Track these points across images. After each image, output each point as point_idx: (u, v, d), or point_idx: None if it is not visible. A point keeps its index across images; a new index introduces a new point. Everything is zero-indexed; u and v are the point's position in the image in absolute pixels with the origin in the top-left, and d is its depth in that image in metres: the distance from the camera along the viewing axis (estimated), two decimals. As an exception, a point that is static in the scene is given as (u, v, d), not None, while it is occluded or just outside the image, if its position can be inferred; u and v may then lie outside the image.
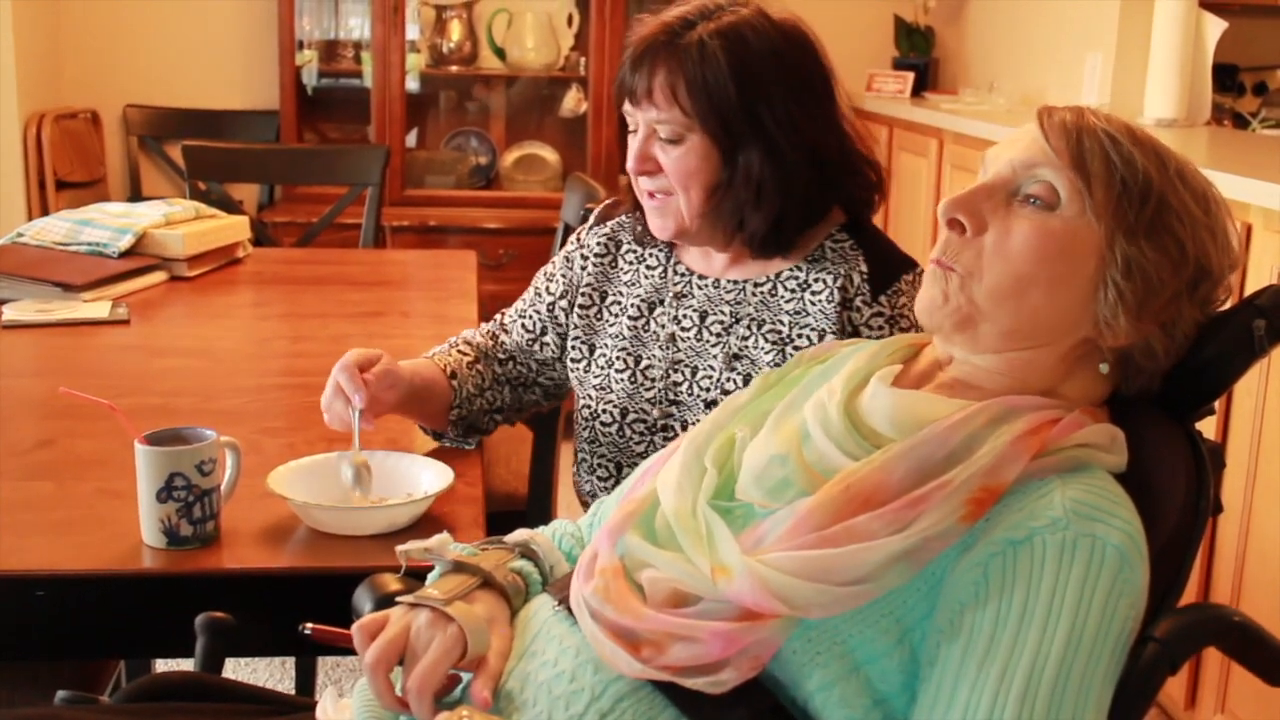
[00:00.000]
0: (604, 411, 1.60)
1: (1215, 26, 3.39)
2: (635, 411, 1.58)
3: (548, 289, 1.69)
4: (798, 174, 1.48)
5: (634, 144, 1.52)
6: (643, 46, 1.48)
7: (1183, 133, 3.28)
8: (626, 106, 1.52)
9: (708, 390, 1.54)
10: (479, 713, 1.02)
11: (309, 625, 1.14)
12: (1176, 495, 1.06)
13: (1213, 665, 2.30)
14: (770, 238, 1.51)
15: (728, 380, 1.53)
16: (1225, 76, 4.30)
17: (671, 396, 1.57)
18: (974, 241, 1.09)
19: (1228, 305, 1.13)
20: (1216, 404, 1.17)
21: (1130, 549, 0.96)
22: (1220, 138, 3.41)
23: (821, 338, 1.49)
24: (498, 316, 1.75)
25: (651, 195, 1.53)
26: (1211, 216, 1.09)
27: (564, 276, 1.68)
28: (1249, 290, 1.14)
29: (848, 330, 1.50)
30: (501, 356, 1.71)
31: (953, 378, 1.12)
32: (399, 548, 1.16)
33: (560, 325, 1.68)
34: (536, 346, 1.69)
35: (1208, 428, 1.20)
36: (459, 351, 1.68)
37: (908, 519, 0.96)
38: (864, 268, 1.51)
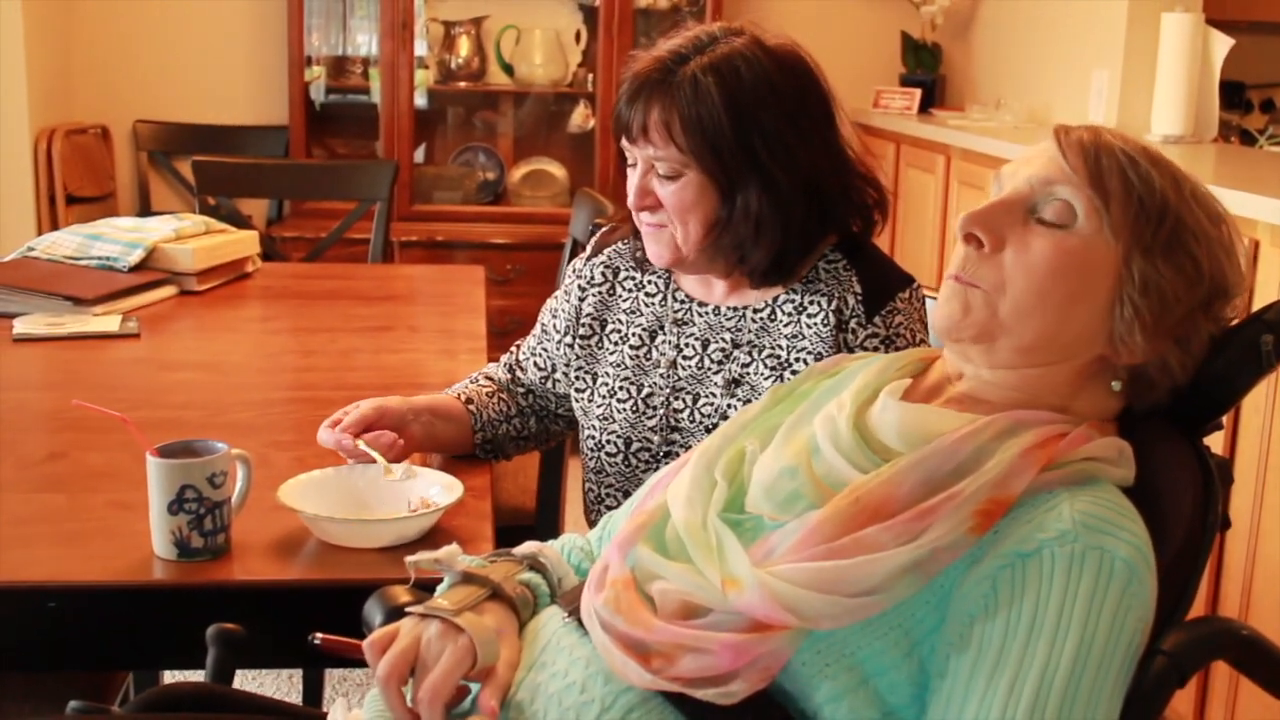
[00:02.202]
0: (609, 442, 1.61)
1: (1222, 43, 3.39)
2: (639, 440, 1.58)
3: (554, 325, 1.70)
4: (795, 208, 1.47)
5: (633, 178, 1.52)
6: (637, 83, 1.47)
7: (1190, 149, 3.29)
8: (624, 143, 1.51)
9: (709, 416, 1.54)
10: (487, 723, 1.03)
11: (319, 636, 1.15)
12: (1184, 510, 1.06)
13: (1221, 679, 2.29)
14: (771, 271, 1.51)
15: (729, 407, 1.53)
16: (1232, 93, 4.31)
17: (673, 423, 1.57)
18: (993, 258, 1.09)
19: (1235, 321, 1.13)
20: (1224, 419, 1.17)
21: (1138, 562, 0.96)
22: (1227, 154, 3.41)
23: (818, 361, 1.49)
24: (513, 350, 1.77)
25: (651, 226, 1.53)
26: (1224, 235, 1.11)
27: (565, 311, 1.69)
28: (1256, 306, 1.15)
29: (843, 353, 1.49)
30: (521, 390, 1.74)
31: (962, 392, 1.13)
32: (408, 559, 1.17)
33: (566, 361, 1.68)
34: (550, 384, 1.71)
35: (1215, 443, 1.20)
36: (478, 385, 1.72)
37: (916, 530, 0.97)
38: (858, 289, 1.50)
